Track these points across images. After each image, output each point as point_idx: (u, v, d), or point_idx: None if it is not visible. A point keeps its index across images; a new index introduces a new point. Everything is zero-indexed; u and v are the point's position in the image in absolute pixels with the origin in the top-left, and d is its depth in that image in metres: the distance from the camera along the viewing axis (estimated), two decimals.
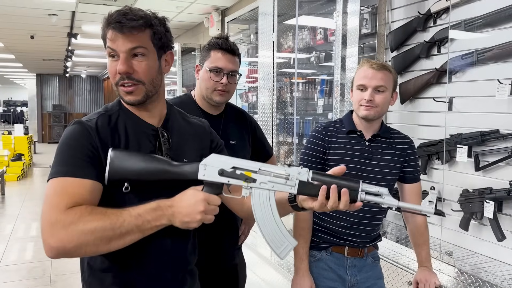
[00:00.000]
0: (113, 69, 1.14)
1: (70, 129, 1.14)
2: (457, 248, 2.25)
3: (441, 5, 2.30)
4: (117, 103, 1.23)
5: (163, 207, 1.06)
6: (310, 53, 3.59)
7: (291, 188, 1.11)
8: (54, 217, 1.01)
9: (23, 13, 5.56)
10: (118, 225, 1.02)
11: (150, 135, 1.20)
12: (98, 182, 1.09)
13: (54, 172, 1.08)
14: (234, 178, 1.10)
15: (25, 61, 11.86)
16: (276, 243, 1.11)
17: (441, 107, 2.31)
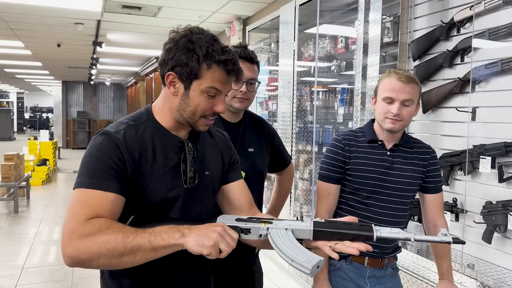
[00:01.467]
0: (208, 106, 1.18)
1: (98, 140, 1.15)
2: (480, 261, 2.19)
3: (465, 14, 2.28)
4: (145, 113, 1.24)
5: (179, 227, 1.06)
6: (331, 62, 3.59)
7: (307, 225, 1.11)
8: (73, 227, 1.03)
9: (50, 22, 5.72)
10: (130, 238, 1.02)
11: (176, 147, 1.22)
12: (121, 196, 1.11)
13: (80, 182, 1.10)
14: (251, 221, 1.13)
15: (52, 68, 12.18)
16: (301, 263, 1.06)
17: (464, 117, 2.27)
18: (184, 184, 1.22)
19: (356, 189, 1.68)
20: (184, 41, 1.14)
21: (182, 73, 1.14)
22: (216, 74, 1.15)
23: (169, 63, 1.15)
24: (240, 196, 1.37)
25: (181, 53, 1.14)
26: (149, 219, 1.16)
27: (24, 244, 5.08)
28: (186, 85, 1.16)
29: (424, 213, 1.79)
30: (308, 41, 3.77)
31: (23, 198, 7.31)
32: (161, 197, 1.18)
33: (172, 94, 1.19)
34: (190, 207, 1.24)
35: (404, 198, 1.68)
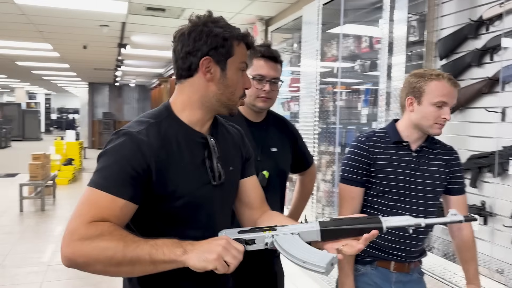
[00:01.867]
0: (242, 83, 1.22)
1: (120, 141, 1.10)
2: (509, 266, 2.12)
3: (494, 11, 2.21)
4: (164, 109, 1.21)
5: (183, 242, 1.01)
6: (355, 61, 3.54)
7: (313, 226, 1.08)
8: (76, 227, 1.00)
9: (77, 24, 5.84)
10: (131, 248, 0.98)
11: (200, 143, 1.20)
12: (132, 203, 1.07)
13: (94, 181, 1.07)
14: (254, 232, 1.09)
15: (78, 70, 12.44)
16: (314, 262, 1.03)
17: (493, 117, 2.20)
18: (213, 181, 1.19)
19: (382, 191, 1.64)
20: (211, 26, 1.14)
21: (218, 54, 1.15)
22: (242, 49, 1.19)
23: (202, 49, 1.14)
24: (253, 193, 1.34)
25: (213, 36, 1.14)
26: (179, 223, 1.15)
27: (50, 242, 5.19)
28: (222, 66, 1.16)
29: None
30: (331, 41, 3.73)
31: (49, 197, 7.47)
32: (190, 196, 1.15)
33: (208, 80, 1.16)
34: (218, 205, 1.22)
35: (430, 200, 1.64)
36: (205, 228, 1.18)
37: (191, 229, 1.16)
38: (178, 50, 1.17)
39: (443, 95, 1.55)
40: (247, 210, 1.33)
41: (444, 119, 1.56)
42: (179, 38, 1.17)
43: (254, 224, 1.27)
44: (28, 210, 6.68)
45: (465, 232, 1.69)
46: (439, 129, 1.59)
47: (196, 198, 1.16)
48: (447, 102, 1.56)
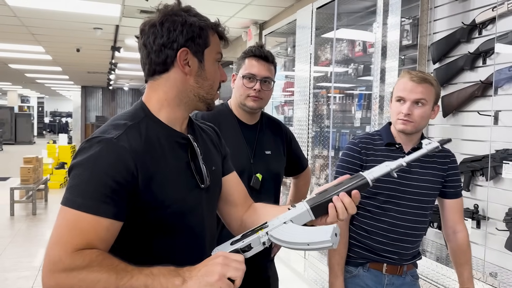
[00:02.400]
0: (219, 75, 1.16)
1: (96, 151, 0.97)
2: (502, 269, 2.12)
3: (487, 15, 2.22)
4: (140, 109, 1.11)
5: (180, 270, 0.93)
6: (348, 65, 3.55)
7: (302, 207, 1.06)
8: (58, 256, 0.90)
9: (70, 27, 5.81)
10: (124, 280, 0.89)
11: (182, 144, 1.11)
12: (117, 221, 0.97)
13: (69, 200, 0.95)
14: (246, 237, 1.04)
15: (71, 73, 12.38)
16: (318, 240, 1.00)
17: (486, 121, 2.21)
18: (201, 184, 1.11)
19: (374, 193, 1.64)
20: (184, 15, 1.06)
21: (195, 45, 1.07)
22: (216, 39, 1.12)
23: (178, 40, 1.05)
24: (236, 190, 1.28)
25: (189, 25, 1.05)
26: (169, 233, 1.07)
27: (41, 246, 5.13)
28: (200, 57, 1.08)
29: (444, 219, 1.73)
30: (325, 45, 3.74)
31: (41, 201, 7.40)
32: (180, 203, 1.07)
33: (186, 73, 1.08)
34: (208, 209, 1.17)
35: (423, 203, 1.63)
36: (194, 234, 1.12)
37: (180, 237, 1.09)
38: (150, 43, 1.06)
39: (401, 90, 1.59)
40: (232, 208, 1.27)
41: (403, 114, 1.57)
42: (149, 29, 1.06)
43: (241, 222, 1.23)
44: (19, 214, 6.61)
45: (460, 235, 1.69)
46: (401, 125, 1.59)
47: (186, 204, 1.09)
48: (404, 96, 1.57)
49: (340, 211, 1.04)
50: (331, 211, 1.04)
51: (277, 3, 4.41)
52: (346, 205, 1.04)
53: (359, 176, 1.07)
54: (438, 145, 1.18)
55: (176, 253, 1.08)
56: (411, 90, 1.57)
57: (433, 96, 1.61)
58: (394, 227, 1.62)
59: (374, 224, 1.65)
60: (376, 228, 1.64)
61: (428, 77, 1.61)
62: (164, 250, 1.07)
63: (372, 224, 1.65)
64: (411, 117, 1.57)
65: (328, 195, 1.05)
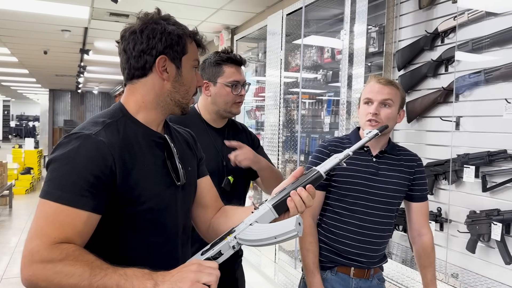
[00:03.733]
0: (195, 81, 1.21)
1: (75, 145, 1.01)
2: (464, 271, 2.19)
3: (449, 24, 2.30)
4: (118, 109, 1.15)
5: (153, 274, 0.96)
6: (318, 71, 3.60)
7: (265, 208, 1.11)
8: (37, 247, 0.93)
9: (37, 29, 5.67)
10: (98, 277, 0.92)
11: (159, 143, 1.16)
12: (95, 214, 1.01)
13: (48, 192, 0.98)
14: (215, 245, 1.08)
15: (39, 76, 12.05)
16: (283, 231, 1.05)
17: (448, 126, 2.28)
18: (177, 181, 1.15)
19: (342, 195, 1.67)
20: (163, 23, 1.12)
21: (173, 52, 1.12)
22: (194, 46, 1.18)
23: (157, 47, 1.10)
24: (208, 193, 1.33)
25: (168, 33, 1.11)
26: (142, 228, 1.10)
27: (5, 254, 4.96)
28: (178, 64, 1.14)
29: (409, 221, 1.78)
30: (295, 51, 3.78)
31: (5, 207, 7.16)
32: (157, 199, 1.11)
33: (164, 79, 1.13)
34: (182, 208, 1.20)
35: (389, 205, 1.67)
36: (169, 231, 1.15)
37: (154, 234, 1.12)
38: (130, 49, 1.12)
39: (368, 93, 1.66)
40: (202, 210, 1.30)
41: (370, 113, 1.62)
42: (130, 36, 1.12)
43: (209, 224, 1.27)
44: None
45: (425, 238, 1.73)
46: (370, 127, 1.63)
47: (161, 201, 1.12)
48: (371, 97, 1.64)
49: (299, 204, 1.10)
50: (291, 205, 1.10)
51: (249, 8, 4.44)
52: (303, 198, 1.10)
53: (313, 171, 1.13)
54: (377, 131, 1.29)
55: (148, 249, 1.11)
56: (378, 91, 1.63)
57: (399, 99, 1.66)
58: (361, 229, 1.65)
59: (342, 227, 1.67)
60: (344, 231, 1.67)
61: (393, 81, 1.68)
62: (137, 246, 1.10)
63: (340, 227, 1.68)
64: (378, 117, 1.62)
65: (287, 192, 1.11)
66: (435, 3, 2.41)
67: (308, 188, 1.10)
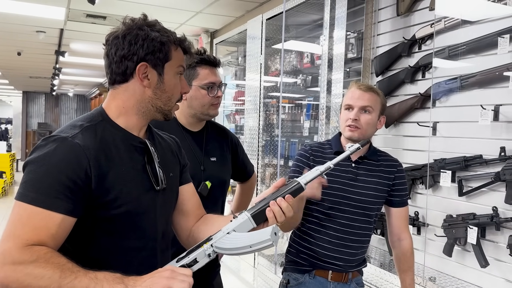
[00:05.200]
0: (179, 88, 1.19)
1: (51, 148, 1.01)
2: (441, 274, 2.22)
3: (426, 31, 2.34)
4: (98, 113, 1.14)
5: (124, 278, 0.95)
6: (297, 76, 3.62)
7: (243, 217, 1.11)
8: (9, 249, 0.93)
9: (10, 29, 5.53)
10: (67, 280, 0.91)
11: (138, 148, 1.14)
12: (70, 217, 1.00)
13: (23, 194, 0.98)
14: (191, 252, 1.07)
15: (12, 78, 11.76)
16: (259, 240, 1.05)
17: (425, 131, 2.32)
18: (156, 186, 1.14)
19: (321, 200, 1.67)
20: (146, 29, 1.10)
21: (155, 59, 1.11)
22: (179, 53, 1.16)
23: (138, 53, 1.09)
24: (190, 201, 1.31)
25: (151, 40, 1.10)
26: (119, 232, 1.09)
27: None
28: (160, 71, 1.12)
29: (389, 226, 1.79)
30: (275, 55, 3.80)
31: None
32: (134, 203, 1.09)
33: (146, 86, 1.12)
34: (161, 213, 1.18)
35: (368, 210, 1.68)
36: (147, 236, 1.13)
37: (131, 238, 1.11)
38: (112, 54, 1.11)
39: (349, 99, 1.67)
40: (183, 218, 1.29)
41: (350, 119, 1.64)
42: (113, 41, 1.11)
43: (190, 232, 1.26)
44: None
45: (404, 243, 1.74)
46: (349, 132, 1.65)
47: (139, 204, 1.10)
48: (352, 104, 1.65)
49: (278, 215, 1.09)
50: (270, 215, 1.10)
51: (228, 12, 4.43)
52: (283, 209, 1.09)
53: (293, 182, 1.13)
54: (359, 145, 1.28)
55: (125, 254, 1.10)
56: (358, 98, 1.64)
57: (379, 106, 1.67)
58: (339, 233, 1.65)
59: (320, 230, 1.67)
60: (322, 234, 1.67)
61: (374, 87, 1.70)
62: (113, 250, 1.09)
63: (318, 230, 1.68)
64: (358, 122, 1.63)
65: (266, 202, 1.11)
66: (412, 10, 2.46)
67: (287, 198, 1.10)
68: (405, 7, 2.45)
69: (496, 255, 2.00)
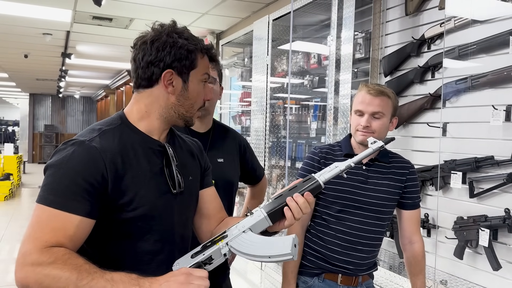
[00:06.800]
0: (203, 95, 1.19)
1: (69, 151, 1.04)
2: (452, 277, 2.19)
3: (435, 30, 2.31)
4: (117, 118, 1.17)
5: (140, 280, 0.96)
6: (304, 77, 3.60)
7: (260, 215, 1.09)
8: (29, 251, 0.96)
9: (17, 32, 5.56)
10: (84, 282, 0.93)
11: (157, 151, 1.16)
12: (88, 219, 1.02)
13: (42, 197, 1.01)
14: (207, 249, 1.06)
15: (19, 80, 11.83)
16: (278, 251, 1.04)
17: (435, 132, 2.29)
18: (173, 189, 1.15)
19: (330, 202, 1.65)
20: (175, 36, 1.11)
21: (181, 66, 1.12)
22: (206, 61, 1.18)
23: (165, 60, 1.10)
24: (212, 204, 1.32)
25: (178, 47, 1.11)
26: (136, 235, 1.09)
27: None
28: (185, 78, 1.13)
29: (401, 229, 1.76)
30: (281, 56, 3.78)
31: None
32: (150, 205, 1.10)
33: (170, 93, 1.13)
34: (179, 216, 1.18)
35: (380, 213, 1.65)
36: (163, 240, 1.14)
37: (148, 241, 1.12)
38: (139, 59, 1.12)
39: (359, 104, 1.63)
40: (205, 221, 1.29)
41: (362, 126, 1.61)
42: (141, 46, 1.13)
43: (211, 235, 1.24)
44: None
45: (416, 246, 1.72)
46: (361, 136, 1.62)
47: (155, 207, 1.11)
48: (362, 109, 1.62)
49: (295, 211, 1.08)
50: (288, 214, 1.08)
51: (234, 13, 4.42)
52: (300, 205, 1.08)
53: (312, 179, 1.11)
54: (383, 143, 1.24)
55: (142, 257, 1.11)
56: (368, 103, 1.60)
57: (391, 108, 1.64)
58: (349, 237, 1.63)
59: (330, 233, 1.65)
60: (331, 237, 1.65)
61: (385, 89, 1.64)
62: (130, 253, 1.10)
63: (327, 233, 1.66)
64: (369, 128, 1.61)
65: (283, 199, 1.09)
66: (421, 9, 2.43)
67: (306, 196, 1.09)
68: (414, 6, 2.43)
69: (508, 257, 1.96)
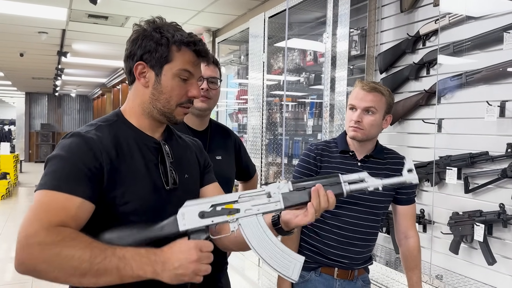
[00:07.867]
0: (182, 91, 1.15)
1: (68, 142, 1.07)
2: (447, 272, 2.21)
3: (430, 27, 2.32)
4: (114, 115, 1.19)
5: (151, 257, 0.97)
6: (300, 74, 3.61)
7: (277, 204, 1.07)
8: (34, 230, 0.93)
9: (12, 30, 5.53)
10: (98, 260, 0.93)
11: (152, 148, 1.17)
12: (89, 202, 1.02)
13: (42, 184, 1.01)
14: (217, 216, 1.05)
15: (14, 79, 11.78)
16: (283, 266, 1.05)
17: (430, 128, 2.30)
18: (166, 186, 1.15)
19: None
20: (150, 29, 1.13)
21: (152, 59, 1.13)
22: (187, 56, 1.15)
23: (137, 52, 1.13)
24: None
25: (148, 39, 1.12)
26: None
27: None
28: (157, 71, 1.13)
29: (396, 224, 1.77)
30: (277, 53, 3.78)
31: None
32: (142, 200, 1.10)
33: (143, 85, 1.15)
34: (172, 213, 1.15)
35: (375, 209, 1.67)
36: None
37: None
38: (125, 55, 1.18)
39: (353, 99, 1.66)
40: None
41: (353, 121, 1.63)
42: (127, 43, 1.18)
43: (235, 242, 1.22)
44: None
45: (411, 241, 1.73)
46: (352, 132, 1.64)
47: (148, 202, 1.12)
48: (355, 104, 1.64)
49: (323, 200, 1.09)
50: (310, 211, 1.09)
51: (230, 11, 4.42)
52: (321, 197, 1.09)
53: (337, 186, 1.11)
54: (417, 179, 1.19)
55: None
56: (361, 99, 1.62)
57: (384, 105, 1.65)
58: (345, 232, 1.64)
59: (325, 228, 1.66)
60: (327, 232, 1.66)
61: (379, 87, 1.65)
62: None
63: (323, 228, 1.67)
64: (361, 124, 1.62)
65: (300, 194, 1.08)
66: (416, 6, 2.44)
67: (328, 193, 1.10)
68: (409, 3, 2.44)
69: (503, 252, 1.98)
